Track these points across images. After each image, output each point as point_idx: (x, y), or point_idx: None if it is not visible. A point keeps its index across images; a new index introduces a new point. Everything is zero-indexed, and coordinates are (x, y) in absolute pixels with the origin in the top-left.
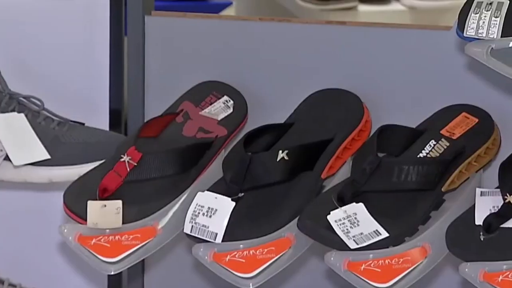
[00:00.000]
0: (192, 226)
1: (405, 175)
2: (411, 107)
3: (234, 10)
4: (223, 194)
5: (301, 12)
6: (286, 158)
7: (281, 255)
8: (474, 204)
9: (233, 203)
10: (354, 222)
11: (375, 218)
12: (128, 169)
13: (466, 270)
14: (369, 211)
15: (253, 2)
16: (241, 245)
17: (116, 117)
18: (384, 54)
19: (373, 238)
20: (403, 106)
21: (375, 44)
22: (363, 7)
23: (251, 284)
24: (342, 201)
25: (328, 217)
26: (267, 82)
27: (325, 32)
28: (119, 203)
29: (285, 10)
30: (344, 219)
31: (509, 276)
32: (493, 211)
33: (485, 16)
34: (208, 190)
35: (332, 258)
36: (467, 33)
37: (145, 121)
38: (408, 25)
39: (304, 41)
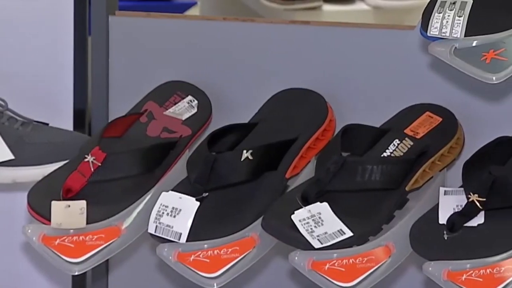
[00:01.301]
0: (157, 226)
1: (369, 175)
2: (375, 106)
3: (199, 10)
4: (188, 194)
5: (266, 12)
6: (250, 157)
7: (245, 255)
8: (438, 203)
9: (198, 203)
10: (318, 221)
11: (339, 218)
12: (92, 169)
13: (430, 269)
14: (333, 211)
15: (218, 2)
16: (205, 245)
17: (80, 117)
18: (348, 54)
19: (337, 237)
20: (368, 106)
21: (339, 44)
22: (327, 7)
23: (215, 284)
24: (306, 201)
25: (292, 216)
26: (231, 82)
27: (289, 32)
28: (83, 203)
29: (250, 10)
30: (308, 218)
31: (473, 275)
32: (456, 210)
33: (448, 16)
34: (172, 190)
35: (296, 258)
36: (431, 32)
37: (109, 121)
38: (372, 25)
39: (268, 41)
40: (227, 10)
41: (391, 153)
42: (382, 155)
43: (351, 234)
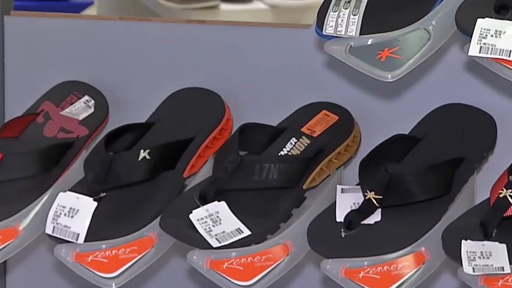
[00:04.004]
0: (54, 226)
1: (266, 173)
2: (273, 105)
3: (96, 9)
4: (85, 194)
5: (164, 11)
6: (147, 157)
7: (144, 255)
8: (335, 201)
9: (95, 203)
10: (216, 220)
11: (237, 217)
12: None
13: (328, 266)
14: (231, 210)
15: (115, 2)
16: (103, 245)
17: None
18: (245, 53)
19: (235, 236)
20: (265, 105)
21: (236, 43)
22: (225, 6)
23: (113, 284)
24: (204, 200)
25: (190, 216)
26: (128, 81)
27: (185, 31)
28: None
29: (147, 10)
30: (206, 217)
31: (370, 272)
32: (353, 208)
33: (343, 14)
34: (69, 190)
35: (194, 257)
36: (326, 31)
37: (6, 121)
38: (268, 24)
39: (164, 40)
40: (124, 10)
41: (288, 151)
42: (279, 154)
43: (249, 232)
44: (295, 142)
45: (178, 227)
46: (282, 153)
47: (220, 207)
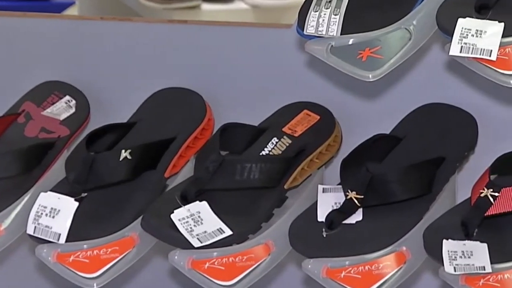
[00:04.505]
0: (35, 227)
1: (248, 173)
2: (254, 105)
3: (77, 9)
4: (66, 195)
5: (145, 11)
6: (129, 157)
7: (125, 255)
8: (317, 201)
9: (76, 203)
10: (198, 220)
11: (218, 216)
12: None
13: (309, 266)
14: (212, 209)
15: (96, 2)
16: (84, 245)
17: None
18: (226, 53)
19: (216, 236)
20: (246, 104)
21: (218, 42)
22: (206, 6)
23: (95, 284)
24: (186, 200)
25: (172, 216)
26: (109, 81)
27: (167, 31)
28: None
29: (129, 10)
30: (187, 217)
31: (352, 272)
32: (335, 207)
33: (324, 14)
34: (51, 190)
35: (176, 257)
36: (307, 31)
37: None
38: (250, 24)
39: (146, 40)
40: (105, 10)
41: (269, 151)
42: (260, 154)
43: (230, 232)
44: (277, 142)
45: (160, 227)
46: (263, 152)
47: (201, 207)
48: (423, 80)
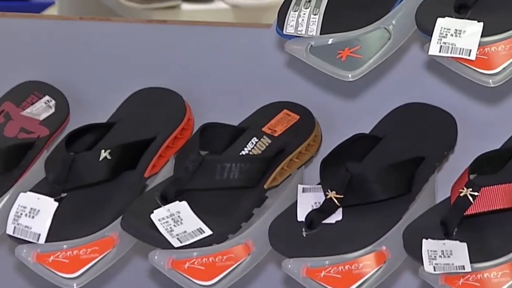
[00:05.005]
0: (15, 227)
1: (228, 173)
2: (234, 105)
3: (57, 9)
4: (46, 195)
5: (124, 11)
6: (108, 157)
7: (105, 255)
8: (296, 201)
9: (56, 204)
10: (178, 220)
11: (198, 216)
12: None
13: (289, 266)
14: (192, 209)
15: (76, 2)
16: (64, 246)
17: None
18: (206, 53)
19: (196, 236)
20: (226, 104)
21: (197, 42)
22: (186, 6)
23: (75, 285)
24: (166, 200)
25: (152, 215)
26: (89, 81)
27: (146, 31)
28: None
29: (108, 10)
30: (167, 217)
31: (331, 271)
32: (315, 207)
33: (304, 14)
34: (30, 190)
35: (156, 257)
36: (287, 30)
37: None
38: (229, 24)
39: (126, 40)
40: (85, 10)
41: (249, 151)
42: (240, 154)
43: (210, 232)
44: (256, 142)
45: (139, 227)
46: (243, 152)
47: (181, 207)
48: (402, 80)
